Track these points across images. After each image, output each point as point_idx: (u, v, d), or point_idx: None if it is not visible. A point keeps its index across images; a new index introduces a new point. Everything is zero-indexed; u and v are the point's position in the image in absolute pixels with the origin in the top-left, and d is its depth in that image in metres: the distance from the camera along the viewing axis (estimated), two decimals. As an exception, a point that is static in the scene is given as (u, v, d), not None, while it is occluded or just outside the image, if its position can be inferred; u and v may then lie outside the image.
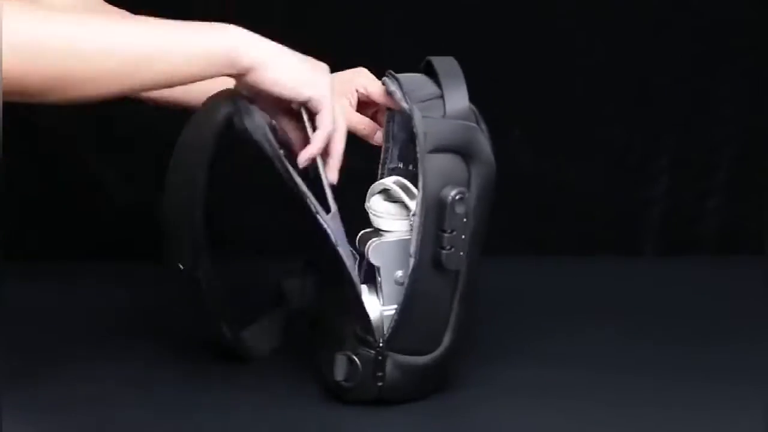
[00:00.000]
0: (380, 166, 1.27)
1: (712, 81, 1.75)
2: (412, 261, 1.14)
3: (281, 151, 1.14)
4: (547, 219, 1.77)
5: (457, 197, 1.14)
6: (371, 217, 1.19)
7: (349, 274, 1.15)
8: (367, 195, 1.21)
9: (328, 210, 1.16)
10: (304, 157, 1.16)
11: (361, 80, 1.31)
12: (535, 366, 1.29)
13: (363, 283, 1.19)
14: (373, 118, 1.31)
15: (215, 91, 1.17)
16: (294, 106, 1.18)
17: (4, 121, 1.11)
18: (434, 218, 1.14)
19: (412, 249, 1.14)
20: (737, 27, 1.73)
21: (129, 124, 1.65)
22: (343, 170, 1.20)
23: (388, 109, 1.26)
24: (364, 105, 1.31)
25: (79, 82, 1.06)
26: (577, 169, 1.77)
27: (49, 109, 1.68)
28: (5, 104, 1.08)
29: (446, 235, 1.14)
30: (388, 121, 1.27)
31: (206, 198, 1.17)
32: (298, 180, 1.14)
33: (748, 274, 1.57)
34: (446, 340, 1.18)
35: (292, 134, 1.20)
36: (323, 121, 1.16)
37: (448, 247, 1.14)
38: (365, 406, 1.17)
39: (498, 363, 1.29)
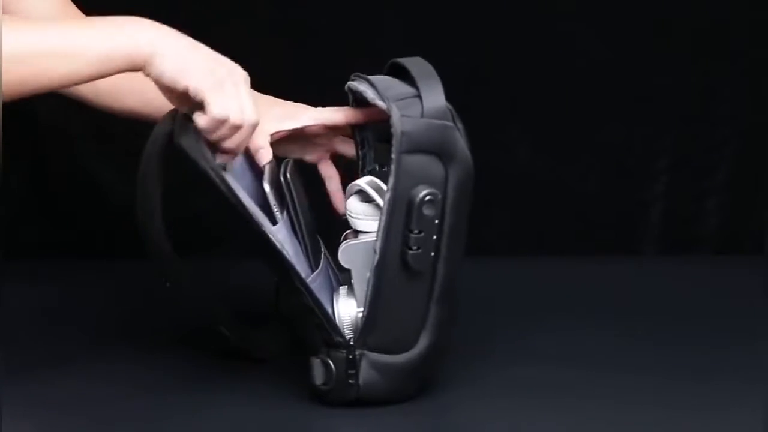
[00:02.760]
0: (360, 173, 1.26)
1: (712, 81, 1.75)
2: (375, 258, 1.14)
3: (219, 167, 1.13)
4: (546, 219, 1.77)
5: (427, 198, 1.13)
6: (348, 218, 1.18)
7: (302, 283, 1.14)
8: (345, 196, 1.20)
9: (274, 222, 1.17)
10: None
11: (309, 114, 1.30)
12: (534, 365, 1.29)
13: (343, 284, 1.19)
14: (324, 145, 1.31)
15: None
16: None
17: (3, 121, 1.12)
18: (402, 218, 1.13)
19: (377, 246, 1.14)
20: (737, 27, 1.74)
21: (128, 124, 1.64)
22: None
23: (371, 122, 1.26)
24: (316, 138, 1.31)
25: None
26: (577, 169, 1.77)
27: (48, 108, 1.69)
28: (5, 105, 1.09)
29: (413, 235, 1.14)
30: (359, 130, 1.27)
31: (162, 210, 1.17)
32: (241, 194, 1.14)
33: (748, 274, 1.57)
34: (424, 340, 1.17)
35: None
36: (209, 107, 1.13)
37: (414, 248, 1.14)
38: (355, 409, 1.16)
39: (495, 362, 1.29)
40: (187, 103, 1.15)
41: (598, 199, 1.77)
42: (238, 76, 1.15)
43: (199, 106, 1.14)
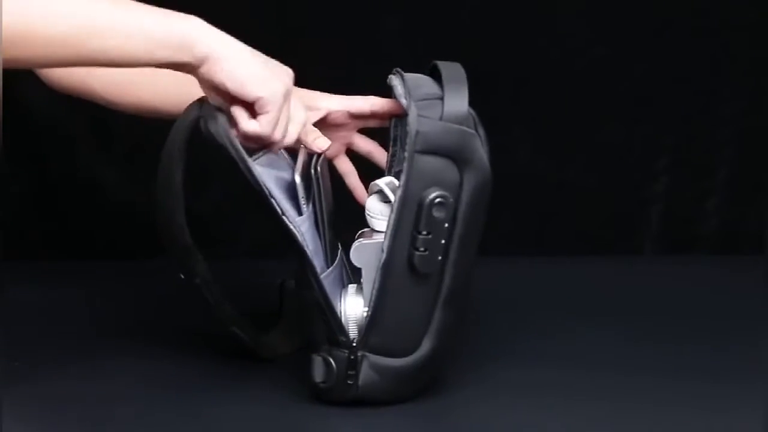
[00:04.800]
0: (387, 171, 1.26)
1: (712, 81, 1.75)
2: (383, 257, 1.13)
3: (245, 154, 1.13)
4: (547, 219, 1.77)
5: (437, 200, 1.13)
6: (366, 217, 1.18)
7: (315, 277, 1.14)
8: (368, 193, 1.21)
9: (300, 213, 1.17)
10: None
11: (332, 100, 1.30)
12: (535, 366, 1.29)
13: (352, 282, 1.19)
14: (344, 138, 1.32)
15: (190, 101, 1.16)
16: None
17: (3, 122, 1.12)
18: (411, 218, 1.13)
19: (384, 245, 1.13)
20: (737, 27, 1.74)
21: (128, 124, 1.65)
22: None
23: (395, 115, 1.26)
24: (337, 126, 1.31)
25: (31, 40, 1.05)
26: (577, 169, 1.77)
27: (49, 108, 1.69)
28: (5, 105, 1.08)
29: (421, 236, 1.13)
30: (394, 126, 1.27)
31: (185, 202, 1.16)
32: (269, 183, 1.14)
33: (748, 274, 1.57)
34: (427, 343, 1.16)
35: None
36: (263, 122, 1.14)
37: (421, 249, 1.13)
38: (354, 409, 1.16)
39: (496, 363, 1.29)
40: (227, 101, 1.14)
41: (598, 199, 1.77)
42: (289, 79, 1.15)
43: (248, 107, 1.14)
